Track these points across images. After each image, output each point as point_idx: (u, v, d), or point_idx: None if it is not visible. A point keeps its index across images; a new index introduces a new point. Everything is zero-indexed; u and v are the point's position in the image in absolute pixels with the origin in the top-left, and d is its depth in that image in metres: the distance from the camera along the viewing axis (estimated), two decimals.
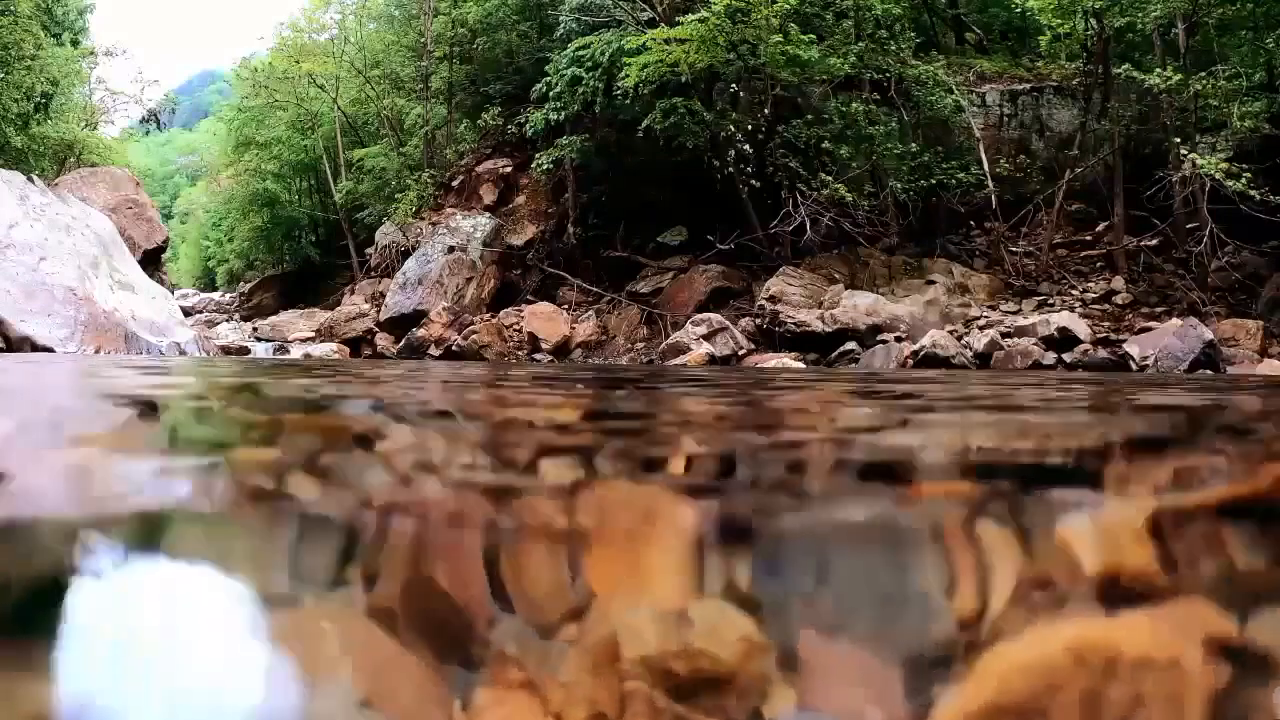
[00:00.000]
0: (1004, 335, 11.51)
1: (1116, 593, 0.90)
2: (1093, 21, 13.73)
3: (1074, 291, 12.86)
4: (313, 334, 17.59)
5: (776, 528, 1.10)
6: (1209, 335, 10.23)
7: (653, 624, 0.83)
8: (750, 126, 14.20)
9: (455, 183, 19.19)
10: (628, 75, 13.78)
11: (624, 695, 0.70)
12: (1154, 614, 0.88)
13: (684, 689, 0.72)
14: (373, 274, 19.66)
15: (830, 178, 13.31)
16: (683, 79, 13.87)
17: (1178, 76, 11.75)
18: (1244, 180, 10.78)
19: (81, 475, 1.35)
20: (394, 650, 0.78)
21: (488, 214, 17.96)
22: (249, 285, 28.20)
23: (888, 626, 0.89)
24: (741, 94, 14.69)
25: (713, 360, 12.24)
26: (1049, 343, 11.10)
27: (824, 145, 13.80)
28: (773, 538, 1.06)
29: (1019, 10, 15.03)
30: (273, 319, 20.35)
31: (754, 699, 0.72)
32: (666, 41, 13.59)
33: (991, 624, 0.86)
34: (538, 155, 16.46)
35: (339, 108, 23.70)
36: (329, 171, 24.00)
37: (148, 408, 2.84)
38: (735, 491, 1.39)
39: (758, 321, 13.12)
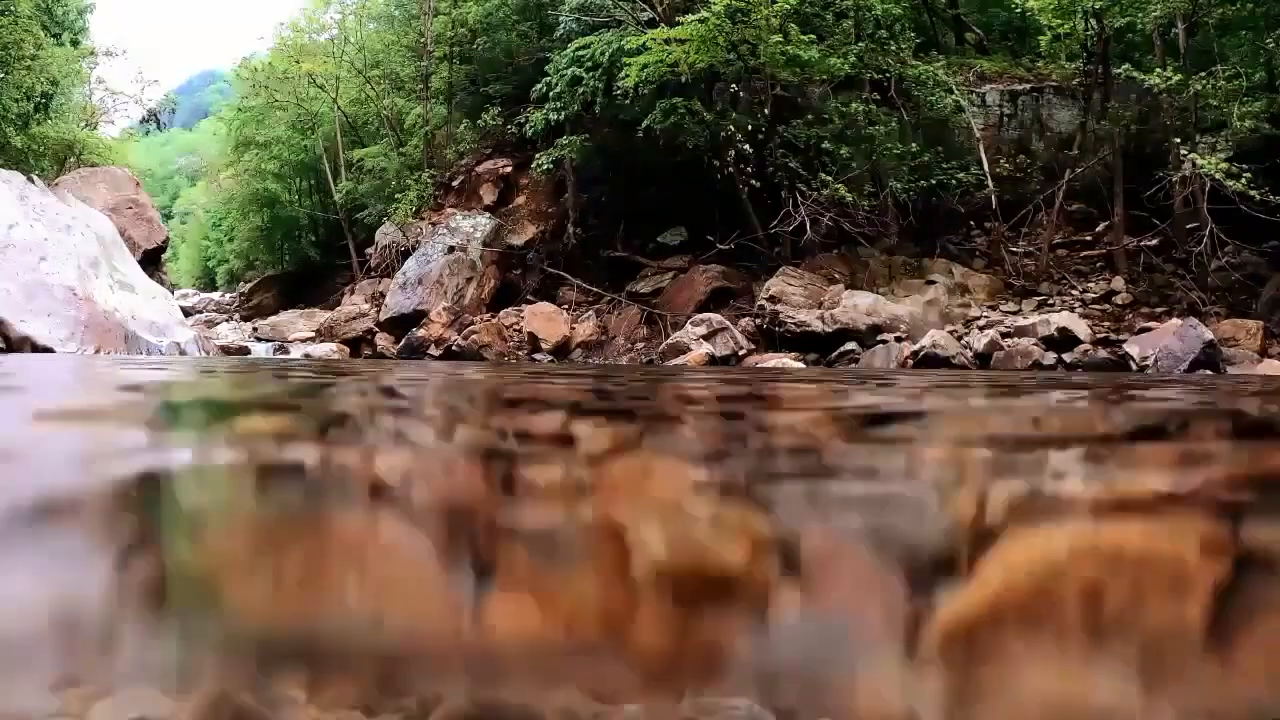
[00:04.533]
0: (1004, 335, 11.51)
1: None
2: (1093, 21, 13.72)
3: (1074, 291, 12.85)
4: (313, 334, 17.57)
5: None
6: (1209, 335, 10.23)
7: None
8: (750, 126, 14.19)
9: (455, 183, 19.18)
10: (628, 75, 13.77)
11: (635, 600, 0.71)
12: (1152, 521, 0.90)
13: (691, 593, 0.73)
14: (373, 274, 19.65)
15: (830, 178, 13.30)
16: (683, 79, 13.86)
17: (1178, 76, 11.74)
18: (1244, 180, 10.77)
19: None
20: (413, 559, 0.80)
21: (488, 214, 17.95)
22: (249, 285, 28.18)
23: (892, 527, 0.90)
24: (741, 94, 14.68)
25: (713, 360, 12.24)
26: (1049, 343, 11.10)
27: (824, 145, 13.79)
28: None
29: (1019, 10, 15.01)
30: (273, 319, 20.32)
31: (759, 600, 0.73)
32: (666, 41, 13.58)
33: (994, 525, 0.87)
34: (538, 155, 16.45)
35: (339, 108, 23.68)
36: (329, 171, 23.97)
37: None
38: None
39: (758, 321, 13.11)
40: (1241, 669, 0.56)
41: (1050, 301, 12.69)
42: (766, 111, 14.17)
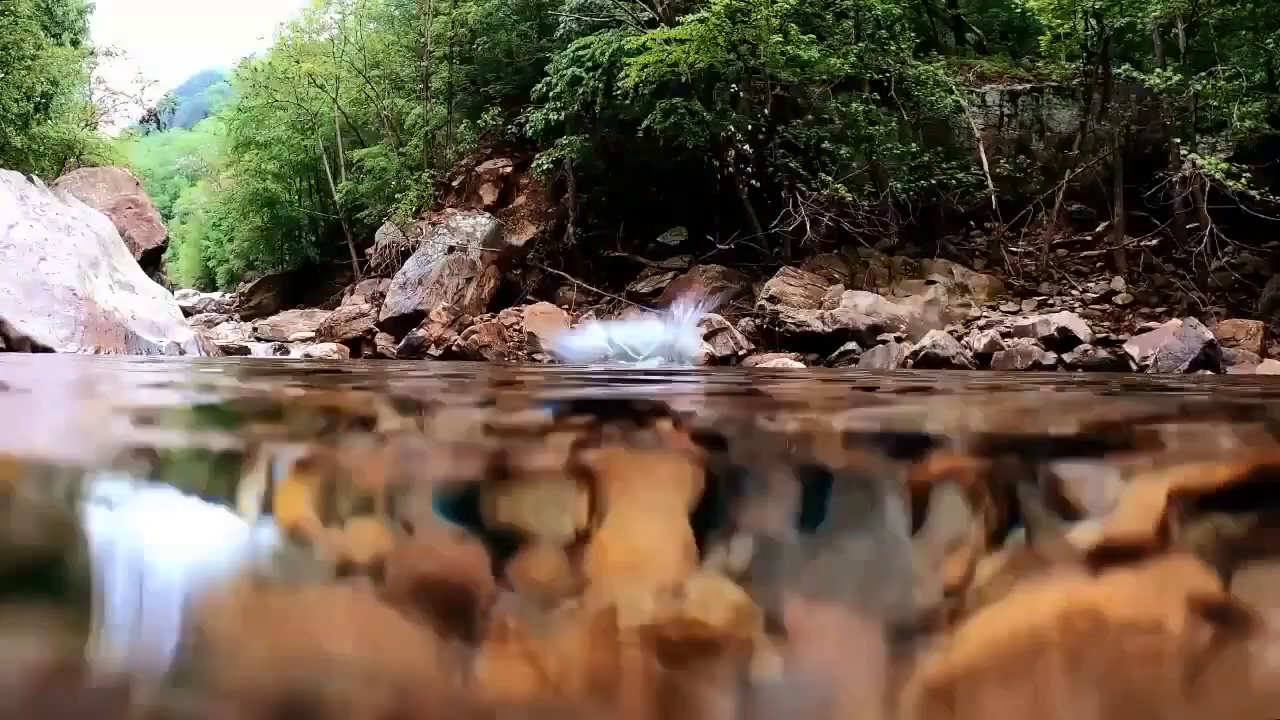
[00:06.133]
0: (1004, 335, 11.51)
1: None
2: (1093, 21, 13.72)
3: (1074, 291, 12.85)
4: (313, 334, 17.57)
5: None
6: (1209, 335, 10.23)
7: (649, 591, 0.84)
8: (750, 126, 14.19)
9: (455, 183, 19.18)
10: (628, 75, 13.76)
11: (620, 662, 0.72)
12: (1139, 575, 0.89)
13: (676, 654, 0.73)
14: (373, 274, 19.65)
15: (830, 178, 13.30)
16: (683, 79, 13.85)
17: (1178, 77, 11.74)
18: (1244, 180, 10.77)
19: None
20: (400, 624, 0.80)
21: (488, 214, 17.95)
22: (249, 285, 28.17)
23: (875, 591, 0.90)
24: (741, 94, 14.68)
25: (713, 360, 12.25)
26: (1049, 343, 11.09)
27: (824, 145, 13.79)
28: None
29: (1019, 10, 15.01)
30: (273, 319, 20.32)
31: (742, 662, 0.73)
32: (666, 41, 13.58)
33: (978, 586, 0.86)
34: (538, 155, 16.45)
35: (339, 108, 23.67)
36: (329, 171, 23.96)
37: None
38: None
39: (758, 321, 13.12)
40: None
41: (1050, 301, 12.69)
42: (766, 111, 14.17)
